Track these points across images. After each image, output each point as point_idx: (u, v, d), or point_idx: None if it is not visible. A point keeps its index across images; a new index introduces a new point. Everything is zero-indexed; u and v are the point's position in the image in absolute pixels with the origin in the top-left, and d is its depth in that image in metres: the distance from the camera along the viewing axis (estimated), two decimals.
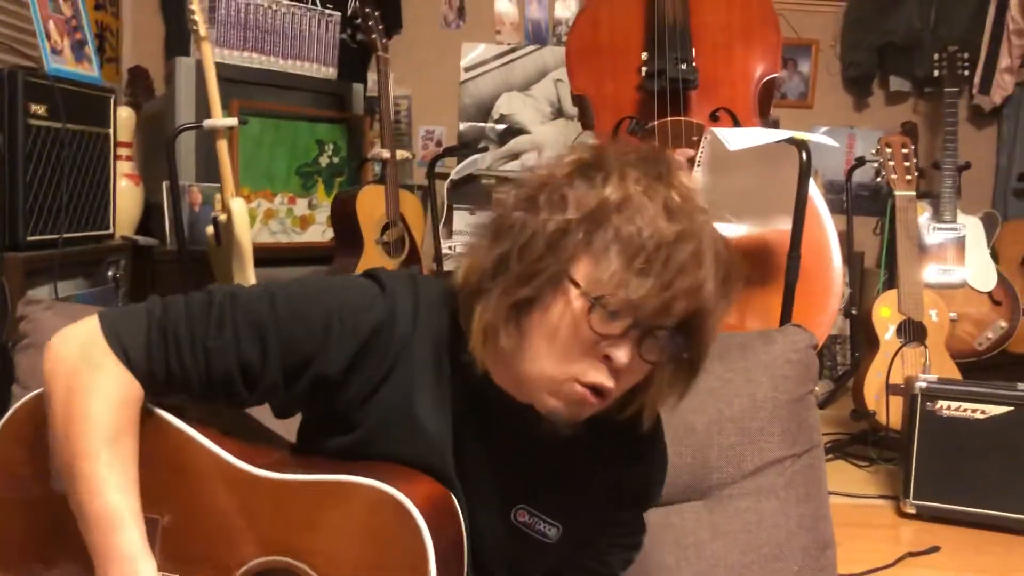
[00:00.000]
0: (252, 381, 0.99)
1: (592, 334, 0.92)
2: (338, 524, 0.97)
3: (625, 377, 0.96)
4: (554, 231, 0.93)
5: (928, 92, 4.35)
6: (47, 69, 2.55)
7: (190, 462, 1.01)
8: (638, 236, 0.90)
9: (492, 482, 1.06)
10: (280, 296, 1.00)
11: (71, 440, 0.94)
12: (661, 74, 2.50)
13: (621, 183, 0.93)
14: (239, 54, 3.34)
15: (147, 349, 0.97)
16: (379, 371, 1.00)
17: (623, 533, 1.18)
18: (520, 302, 0.95)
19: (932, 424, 2.30)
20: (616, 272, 0.91)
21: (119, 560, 0.93)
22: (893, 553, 2.04)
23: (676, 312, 0.92)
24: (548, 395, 0.96)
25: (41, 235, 2.49)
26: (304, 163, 3.54)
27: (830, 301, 2.36)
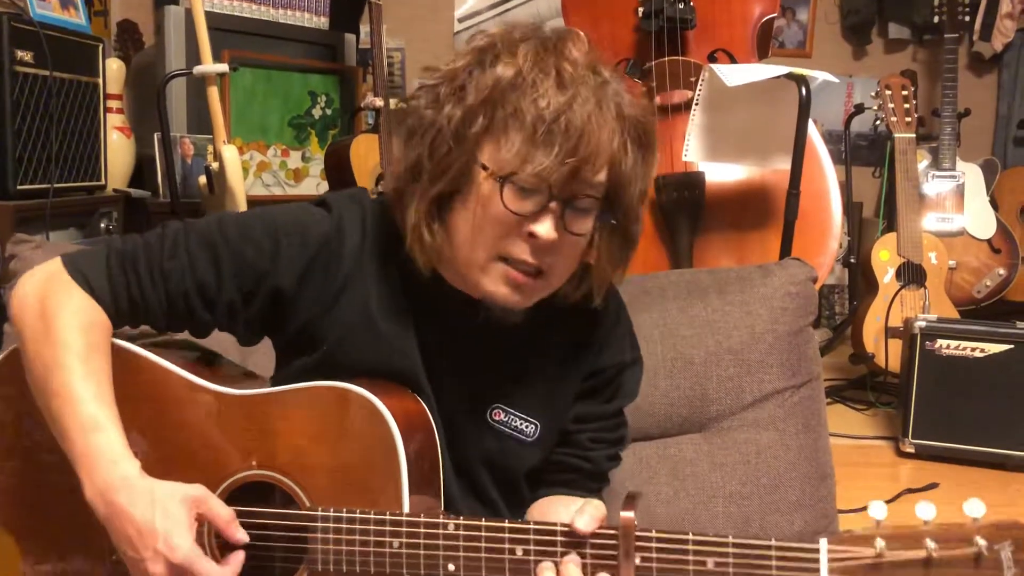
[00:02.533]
0: (210, 300, 1.03)
1: (510, 214, 0.94)
2: (307, 430, 1.00)
3: (560, 252, 0.97)
4: (458, 121, 0.95)
5: (927, 39, 4.30)
6: (33, 14, 2.51)
7: (162, 390, 1.04)
8: (534, 108, 0.92)
9: (465, 384, 1.08)
10: (229, 220, 1.05)
11: (44, 359, 0.97)
12: (658, 14, 2.46)
13: (511, 60, 0.95)
14: (229, 3, 3.29)
15: (108, 278, 1.01)
16: (334, 283, 1.04)
17: (604, 427, 1.17)
18: (438, 197, 0.98)
19: (931, 363, 2.30)
20: (519, 148, 0.93)
21: (101, 462, 0.93)
22: (892, 490, 2.05)
23: (588, 177, 0.94)
24: (484, 278, 0.98)
25: (32, 184, 2.46)
26: (297, 115, 3.50)
27: (829, 242, 2.34)
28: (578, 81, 0.93)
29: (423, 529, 0.94)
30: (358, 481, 0.98)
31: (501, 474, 1.12)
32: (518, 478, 1.14)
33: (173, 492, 0.93)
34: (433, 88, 0.98)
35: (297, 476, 0.99)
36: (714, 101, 2.19)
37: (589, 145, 0.92)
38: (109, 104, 2.97)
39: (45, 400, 0.97)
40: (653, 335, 1.53)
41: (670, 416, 1.53)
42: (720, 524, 1.49)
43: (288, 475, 0.99)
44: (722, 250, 2.39)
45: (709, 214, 2.39)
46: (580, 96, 0.92)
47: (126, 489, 0.92)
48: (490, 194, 0.95)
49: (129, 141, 3.25)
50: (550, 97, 0.92)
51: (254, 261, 1.02)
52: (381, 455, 0.96)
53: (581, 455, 1.16)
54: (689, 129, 2.23)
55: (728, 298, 1.60)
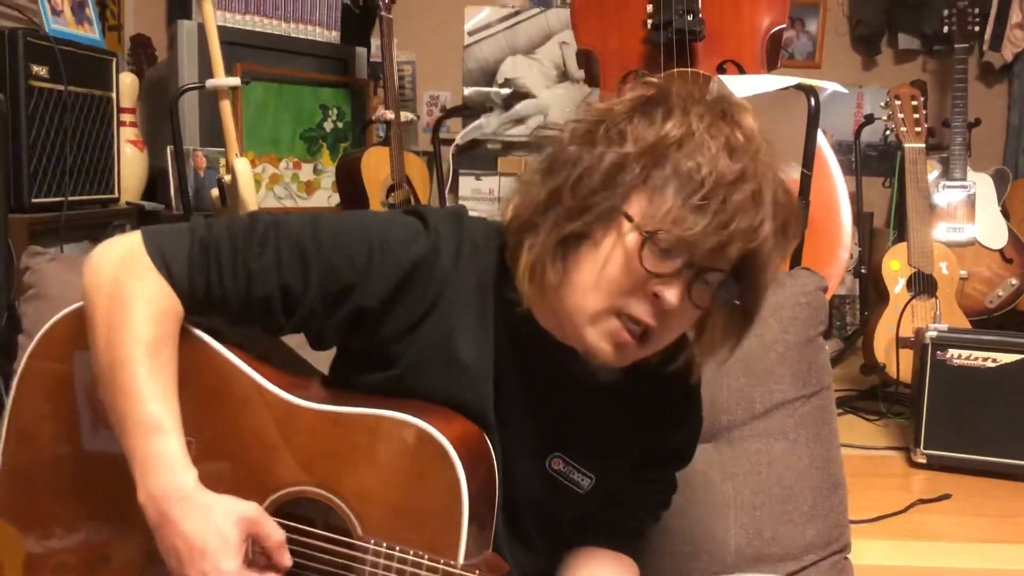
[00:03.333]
0: (291, 305, 0.98)
1: (642, 270, 0.90)
2: (372, 458, 0.96)
3: (672, 321, 0.94)
4: (610, 165, 0.91)
5: (937, 50, 4.30)
6: (48, 30, 2.54)
7: (227, 386, 1.00)
8: (697, 173, 0.88)
9: (530, 427, 1.05)
10: (324, 223, 0.99)
11: (112, 348, 0.93)
12: (667, 26, 2.47)
13: (683, 119, 0.91)
14: (241, 17, 3.32)
15: (189, 265, 0.96)
16: (420, 306, 0.99)
17: (659, 491, 1.19)
18: (570, 236, 0.93)
19: (943, 373, 2.29)
20: (672, 208, 0.88)
21: (159, 468, 0.91)
22: (904, 500, 2.04)
23: (731, 254, 0.90)
24: (589, 329, 0.94)
25: (46, 197, 2.48)
26: (309, 128, 3.52)
27: (839, 252, 2.34)
28: (747, 155, 0.89)
29: None
30: (416, 520, 0.95)
31: (547, 520, 1.11)
32: (564, 526, 1.13)
33: (228, 511, 0.91)
34: (584, 125, 0.95)
35: (354, 502, 0.97)
36: None
37: (743, 223, 0.88)
38: (122, 118, 3.00)
39: (109, 390, 0.94)
40: None
41: None
42: (732, 535, 1.49)
43: (345, 500, 0.97)
44: None
45: None
46: (748, 170, 0.89)
47: (181, 501, 0.90)
48: (628, 247, 0.91)
49: (142, 154, 3.28)
50: (717, 164, 0.88)
51: (345, 272, 0.97)
52: (444, 503, 0.93)
53: (632, 515, 1.17)
54: None
55: None
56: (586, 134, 0.94)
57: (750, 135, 0.92)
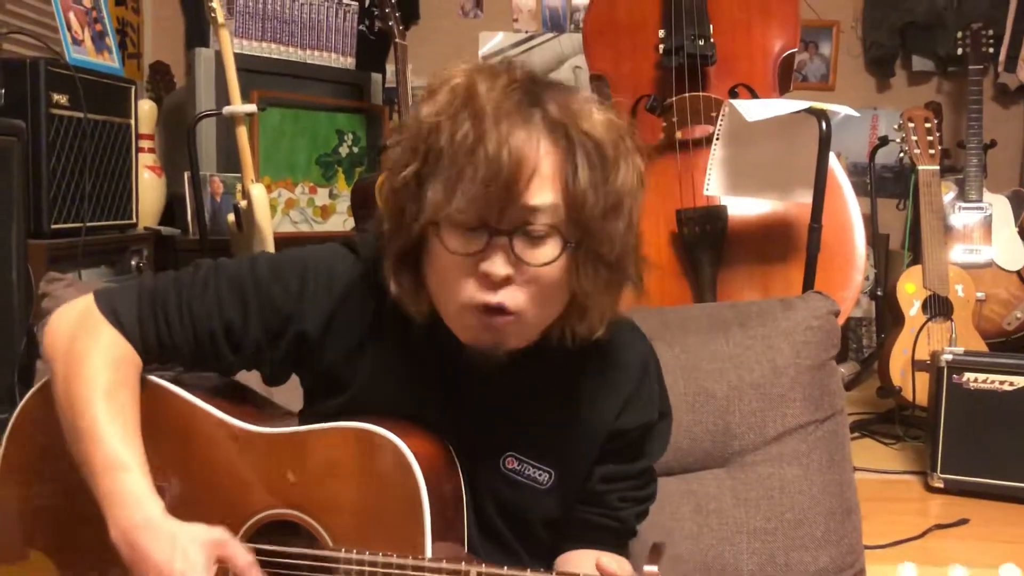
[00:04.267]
0: (235, 341, 1.04)
1: (457, 257, 0.93)
2: (331, 470, 1.00)
3: (527, 289, 0.94)
4: (399, 173, 0.95)
5: (952, 71, 4.30)
6: (68, 59, 2.58)
7: (189, 426, 1.05)
8: (450, 145, 0.90)
9: (480, 432, 1.08)
10: (260, 260, 1.06)
11: (71, 398, 0.99)
12: (679, 50, 2.48)
13: (431, 101, 0.94)
14: (258, 45, 3.36)
15: (139, 316, 1.03)
16: (360, 328, 1.04)
17: (631, 487, 1.16)
18: (402, 251, 0.97)
19: (959, 397, 2.27)
20: (443, 188, 0.91)
21: (125, 502, 0.95)
22: (921, 526, 2.02)
23: (524, 201, 0.91)
24: (460, 328, 0.98)
25: (65, 223, 2.51)
26: (324, 153, 3.55)
27: (853, 275, 2.33)
28: (493, 109, 0.91)
29: (445, 575, 0.93)
30: (381, 523, 0.98)
31: (517, 521, 1.11)
32: (535, 525, 1.13)
33: (194, 536, 0.94)
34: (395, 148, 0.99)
35: (321, 516, 1.00)
36: (735, 136, 2.20)
37: (510, 167, 0.89)
38: (141, 144, 3.03)
39: (73, 436, 0.99)
40: (674, 369, 1.53)
41: (692, 451, 1.52)
42: (744, 560, 1.48)
43: (312, 515, 1.00)
44: (746, 283, 2.39)
45: (732, 247, 2.39)
46: (498, 123, 0.90)
47: (148, 530, 0.93)
48: (436, 241, 0.94)
49: (160, 180, 3.32)
50: (465, 129, 0.90)
51: (281, 302, 1.03)
52: (404, 499, 0.96)
53: (610, 515, 1.15)
54: (710, 163, 2.24)
55: (750, 332, 1.60)
56: (399, 156, 0.97)
57: (495, 88, 0.92)
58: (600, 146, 0.93)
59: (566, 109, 0.93)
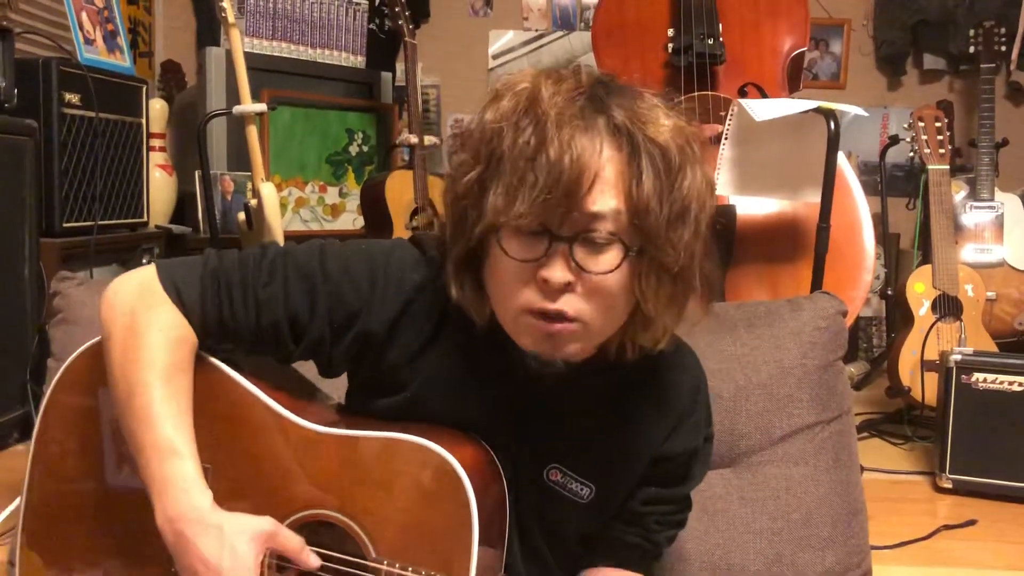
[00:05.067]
0: (299, 333, 1.02)
1: (517, 263, 0.92)
2: (384, 481, 0.98)
3: (587, 297, 0.93)
4: (462, 179, 0.95)
5: (963, 69, 4.27)
6: (80, 58, 2.60)
7: (243, 412, 1.03)
8: (513, 151, 0.90)
9: (528, 440, 1.07)
10: (331, 252, 1.04)
11: (128, 376, 0.97)
12: (688, 50, 2.48)
13: (495, 106, 0.95)
14: (268, 44, 3.38)
15: (201, 295, 1.00)
16: (424, 331, 1.03)
17: (670, 511, 1.17)
18: (463, 256, 0.97)
19: (968, 397, 2.26)
20: (504, 193, 0.91)
21: (174, 490, 0.94)
22: (929, 526, 2.01)
23: (586, 208, 0.90)
24: (517, 335, 0.97)
25: (76, 222, 2.53)
26: (334, 151, 3.57)
27: (862, 275, 2.33)
28: (556, 115, 0.90)
29: None
30: (427, 540, 0.97)
31: (552, 532, 1.12)
32: (569, 537, 1.14)
33: (243, 529, 0.94)
34: (458, 156, 1.00)
35: (366, 524, 0.99)
36: (744, 135, 2.20)
37: (571, 172, 0.88)
38: (152, 143, 3.05)
39: (125, 414, 0.97)
40: None
41: None
42: (751, 560, 1.49)
43: (357, 521, 0.99)
44: (754, 283, 2.39)
45: (741, 247, 2.39)
46: (560, 128, 0.90)
47: (197, 521, 0.93)
48: (496, 247, 0.94)
49: (171, 178, 3.33)
50: (528, 135, 0.90)
51: (350, 299, 1.01)
52: (455, 523, 0.95)
53: (645, 536, 1.16)
54: (719, 163, 2.24)
55: (757, 332, 1.60)
56: (462, 161, 0.98)
57: (557, 93, 0.92)
58: (665, 152, 0.92)
59: (632, 114, 0.92)
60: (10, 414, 2.29)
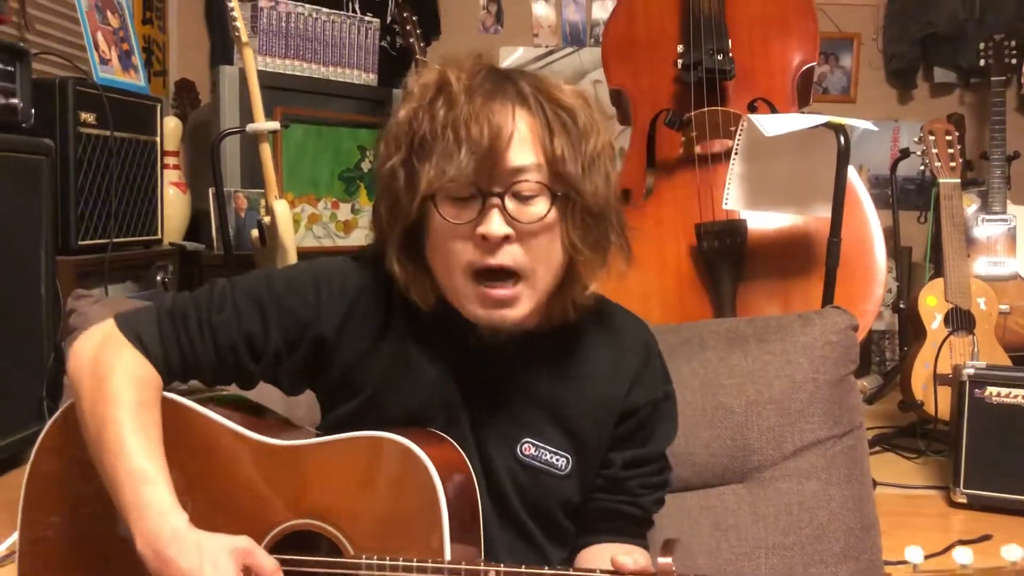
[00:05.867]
0: (256, 351, 1.08)
1: (457, 226, 0.99)
2: (350, 479, 1.03)
3: (525, 248, 1.00)
4: (386, 163, 1.03)
5: (974, 82, 4.27)
6: (96, 78, 2.63)
7: (211, 442, 1.08)
8: (432, 126, 0.98)
9: (497, 420, 1.11)
10: (274, 274, 1.11)
11: (97, 413, 1.02)
12: (697, 65, 2.49)
13: (409, 98, 1.03)
14: (281, 62, 3.41)
15: (160, 335, 1.07)
16: (372, 327, 1.09)
17: (651, 472, 1.19)
18: (403, 238, 1.03)
19: (981, 411, 2.25)
20: (434, 165, 0.98)
21: (150, 514, 0.97)
22: (943, 541, 2.00)
23: (509, 163, 0.98)
24: (465, 304, 1.03)
25: (92, 239, 2.56)
26: (347, 168, 3.59)
27: (873, 289, 2.32)
28: (464, 90, 0.99)
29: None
30: (401, 529, 1.00)
31: (536, 508, 1.13)
32: (554, 512, 1.15)
33: (221, 545, 0.96)
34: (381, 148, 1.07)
35: (341, 525, 1.02)
36: (753, 150, 2.21)
37: (490, 133, 0.97)
38: (166, 161, 3.09)
39: (98, 454, 1.01)
40: (693, 384, 1.54)
41: (711, 466, 1.52)
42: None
43: (332, 524, 1.02)
44: (766, 297, 2.39)
45: (752, 261, 2.39)
46: (472, 97, 0.98)
47: (175, 542, 0.95)
48: (434, 216, 1.00)
49: (185, 196, 3.36)
50: (443, 111, 0.98)
51: (299, 311, 1.07)
52: (423, 504, 0.98)
53: (632, 502, 1.17)
54: (729, 178, 2.25)
55: (768, 347, 1.60)
56: (387, 152, 1.05)
57: (461, 75, 1.00)
58: (571, 112, 1.02)
59: (536, 82, 1.03)
60: (27, 430, 2.31)
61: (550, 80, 1.04)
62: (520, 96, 1.00)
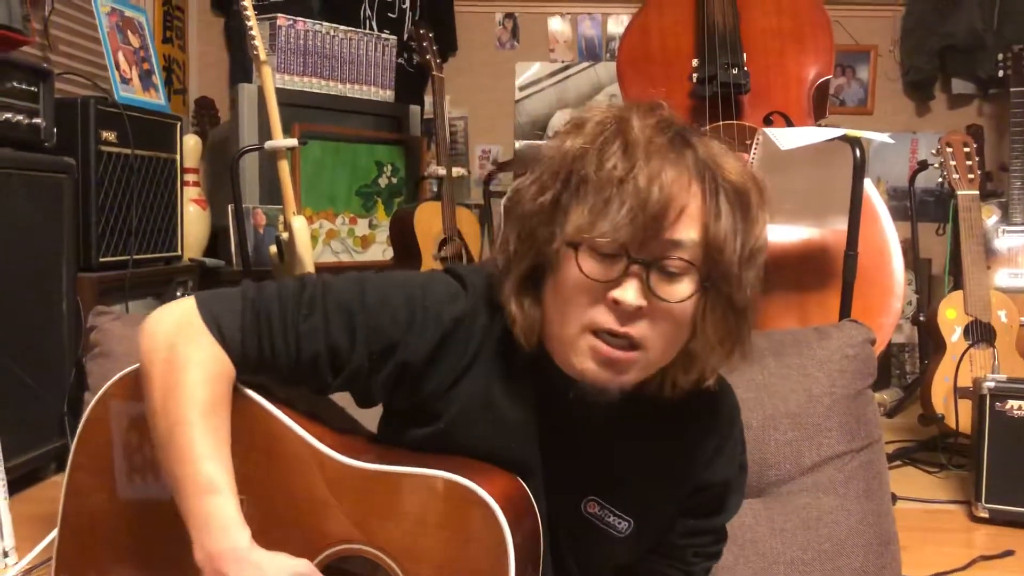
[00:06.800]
0: (338, 365, 1.02)
1: (590, 281, 0.94)
2: (419, 516, 0.98)
3: (652, 323, 0.94)
4: (534, 195, 0.97)
5: (993, 93, 4.25)
6: (117, 97, 2.66)
7: (277, 444, 1.03)
8: (601, 172, 0.93)
9: (565, 472, 1.07)
10: (370, 284, 1.04)
11: (168, 411, 0.97)
12: (712, 80, 2.50)
13: (579, 132, 0.97)
14: (299, 79, 3.44)
15: (241, 328, 1.00)
16: (461, 362, 1.03)
17: (708, 542, 1.17)
18: (527, 272, 0.99)
19: (1002, 425, 2.24)
20: (588, 212, 0.93)
21: (214, 527, 0.95)
22: (965, 557, 1.98)
23: (668, 236, 0.92)
24: (574, 355, 0.97)
25: (113, 256, 2.59)
26: (364, 184, 3.61)
27: (891, 302, 2.31)
28: (645, 143, 0.93)
29: None
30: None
31: (587, 564, 1.12)
32: (605, 570, 1.13)
33: (280, 568, 0.94)
34: (527, 175, 1.02)
35: (402, 560, 0.98)
36: (769, 163, 2.21)
37: (660, 200, 0.91)
38: (186, 178, 3.12)
39: (165, 450, 0.98)
40: None
41: None
42: None
43: (393, 557, 0.99)
44: (783, 311, 2.38)
45: (768, 275, 2.37)
46: (650, 156, 0.92)
47: (236, 560, 0.93)
48: (569, 263, 0.95)
49: (205, 212, 3.39)
50: (616, 160, 0.92)
51: (389, 331, 1.01)
52: (491, 560, 0.95)
53: (683, 569, 1.16)
54: None
55: (785, 361, 1.60)
56: (526, 180, 1.01)
57: (646, 126, 0.94)
58: (743, 196, 0.95)
59: (711, 154, 0.96)
60: (48, 446, 2.33)
61: (724, 152, 0.97)
62: (699, 166, 0.94)
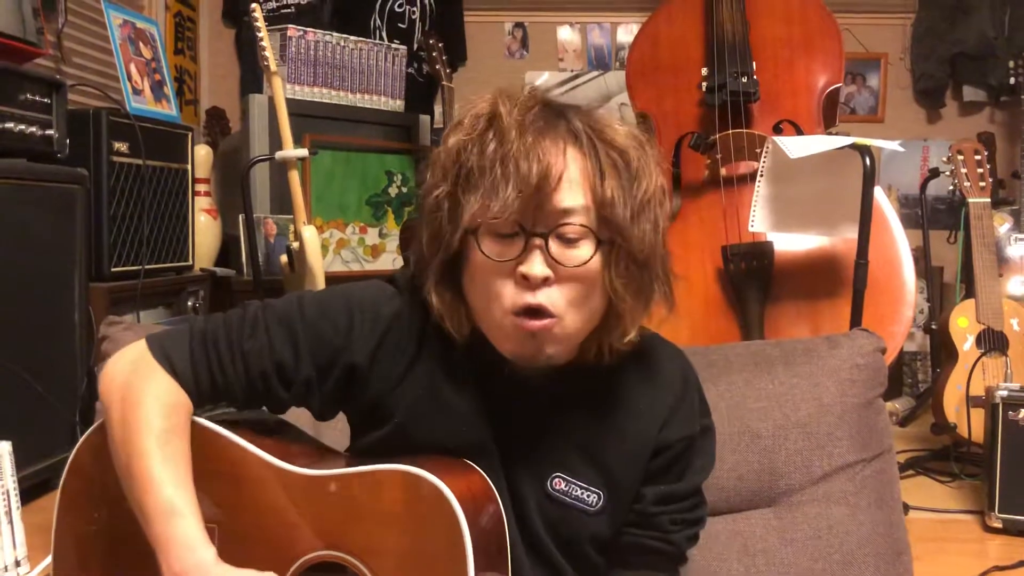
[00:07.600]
0: (287, 378, 1.07)
1: (499, 264, 0.98)
2: (375, 512, 1.02)
3: (564, 290, 0.98)
4: (435, 196, 1.01)
5: (1004, 101, 4.23)
6: (128, 108, 2.68)
7: (239, 469, 1.07)
8: (480, 160, 0.97)
9: (525, 451, 1.10)
10: (306, 299, 1.10)
11: (128, 442, 1.02)
12: (722, 88, 2.50)
13: (458, 129, 1.01)
14: (309, 89, 3.45)
15: (191, 359, 1.06)
16: (404, 357, 1.08)
17: (683, 508, 1.16)
18: (442, 268, 1.03)
19: (1016, 434, 2.22)
20: (479, 199, 0.97)
21: (179, 548, 0.97)
22: (978, 567, 1.96)
23: (557, 204, 0.96)
24: (499, 339, 1.02)
25: (124, 266, 2.60)
26: (374, 193, 3.63)
27: (902, 311, 2.30)
28: (515, 124, 0.97)
29: None
30: (426, 565, 0.99)
31: (567, 544, 1.12)
32: (585, 548, 1.13)
33: None
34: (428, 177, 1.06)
35: (366, 558, 1.01)
36: (779, 172, 2.21)
37: (540, 171, 0.95)
38: (197, 188, 3.13)
39: (127, 480, 1.02)
40: (719, 408, 1.52)
41: (739, 491, 1.51)
42: None
43: (358, 557, 1.01)
44: (794, 319, 2.38)
45: (779, 283, 2.38)
46: (523, 132, 0.96)
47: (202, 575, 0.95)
48: (474, 250, 0.99)
49: (216, 222, 3.41)
50: (494, 144, 0.97)
51: (330, 338, 1.06)
52: (447, 540, 0.97)
53: (663, 538, 1.15)
54: (755, 200, 2.24)
55: (795, 370, 1.59)
56: (432, 180, 1.04)
57: (513, 109, 0.98)
58: (624, 154, 1.00)
59: (589, 121, 1.01)
60: (60, 455, 2.34)
61: (604, 119, 1.02)
62: (572, 134, 0.99)
